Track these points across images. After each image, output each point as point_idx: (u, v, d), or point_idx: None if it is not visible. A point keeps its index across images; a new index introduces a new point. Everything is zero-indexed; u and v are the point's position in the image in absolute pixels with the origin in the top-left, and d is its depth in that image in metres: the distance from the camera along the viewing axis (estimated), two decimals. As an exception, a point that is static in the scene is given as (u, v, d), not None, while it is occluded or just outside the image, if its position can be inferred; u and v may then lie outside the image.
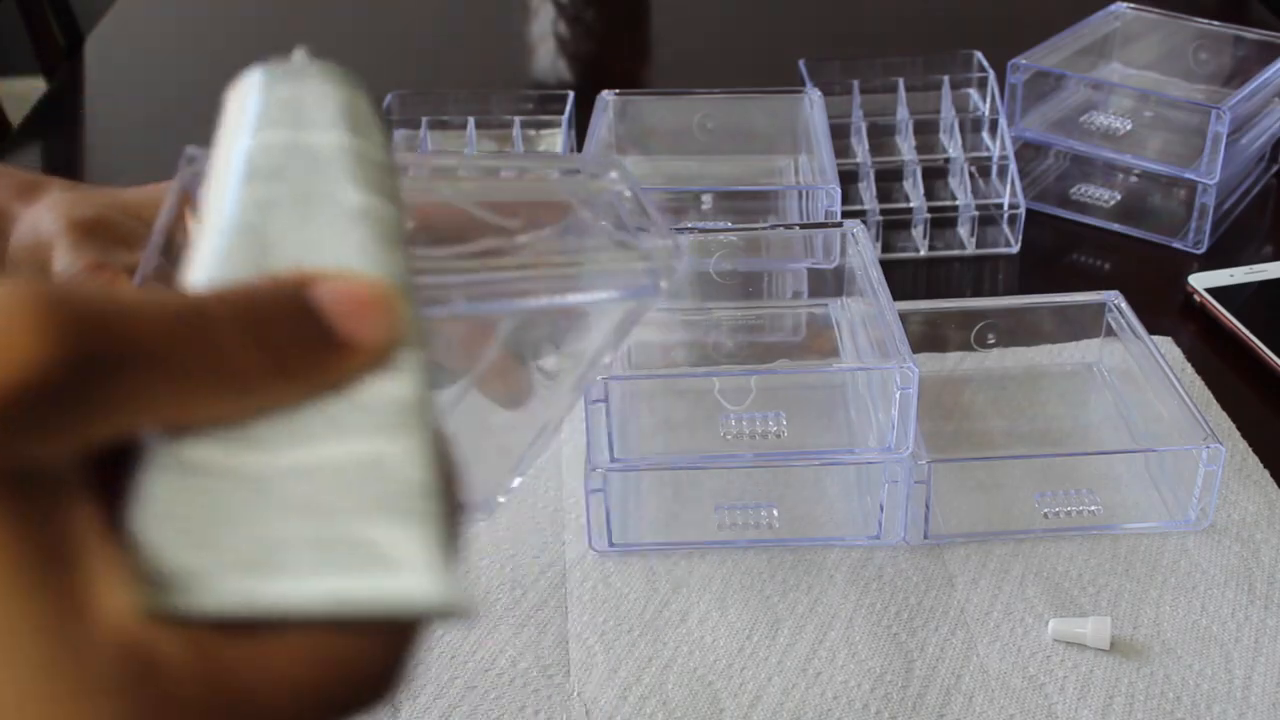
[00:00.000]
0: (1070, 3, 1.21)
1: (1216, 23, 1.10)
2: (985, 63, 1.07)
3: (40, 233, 0.60)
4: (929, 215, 0.99)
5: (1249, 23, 1.18)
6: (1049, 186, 1.06)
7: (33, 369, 0.24)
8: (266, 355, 0.27)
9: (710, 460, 0.72)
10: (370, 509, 0.28)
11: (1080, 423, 0.80)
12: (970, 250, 0.99)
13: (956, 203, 1.00)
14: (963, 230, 1.00)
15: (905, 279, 0.97)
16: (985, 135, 1.06)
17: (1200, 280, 0.92)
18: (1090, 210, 1.03)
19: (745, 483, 0.75)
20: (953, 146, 1.04)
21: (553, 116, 1.07)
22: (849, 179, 1.00)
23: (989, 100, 1.06)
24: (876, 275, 0.75)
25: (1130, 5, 1.13)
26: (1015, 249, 0.99)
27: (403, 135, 1.08)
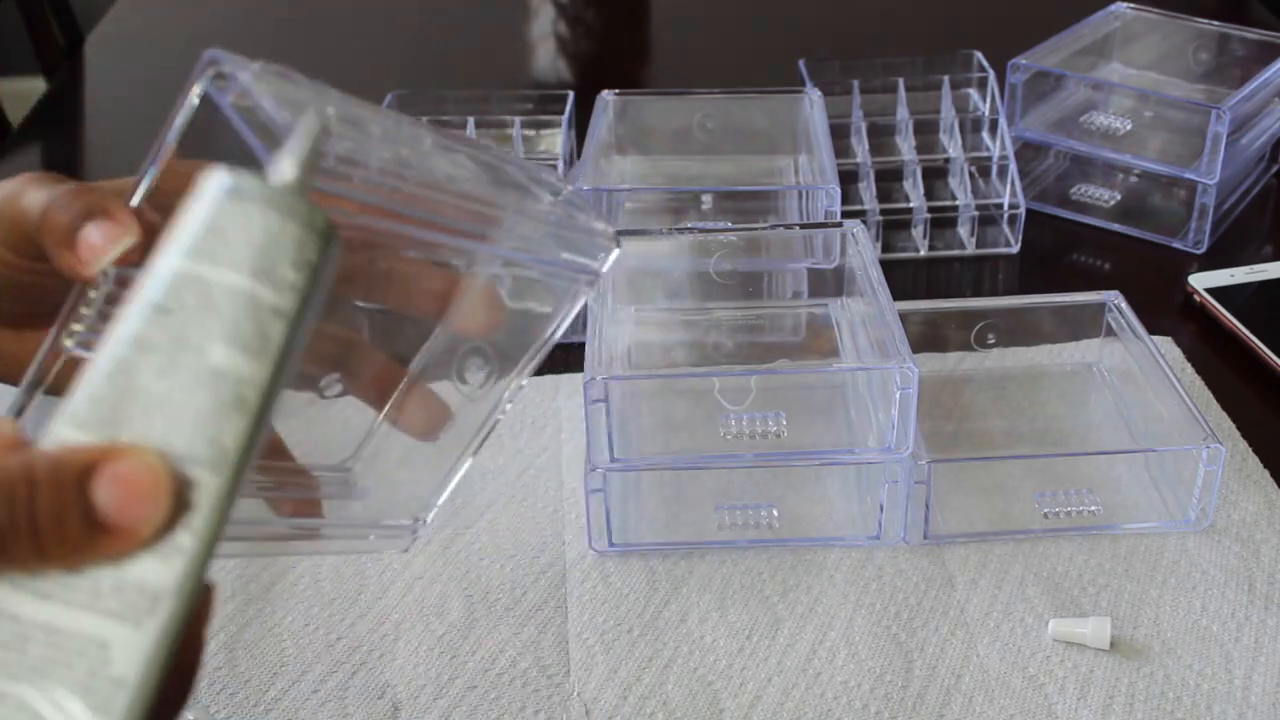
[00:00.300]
0: (1070, 3, 1.21)
1: (1216, 23, 1.10)
2: (985, 63, 1.07)
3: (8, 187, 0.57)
4: (929, 215, 0.99)
5: (1249, 23, 1.18)
6: (1049, 186, 1.06)
7: None
8: (21, 530, 0.32)
9: (710, 460, 0.72)
10: (71, 684, 0.32)
11: (1080, 423, 0.80)
12: (970, 250, 0.99)
13: (956, 203, 1.00)
14: (963, 230, 1.00)
15: (905, 279, 0.97)
16: (985, 135, 1.06)
17: (1200, 280, 0.92)
18: (1090, 210, 1.03)
19: (745, 483, 0.75)
20: (953, 146, 1.04)
21: (553, 116, 1.07)
22: (849, 179, 1.00)
23: (989, 100, 1.06)
24: (876, 275, 0.75)
25: (1130, 5, 1.13)
26: (1015, 249, 0.99)
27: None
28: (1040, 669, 0.64)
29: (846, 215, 0.85)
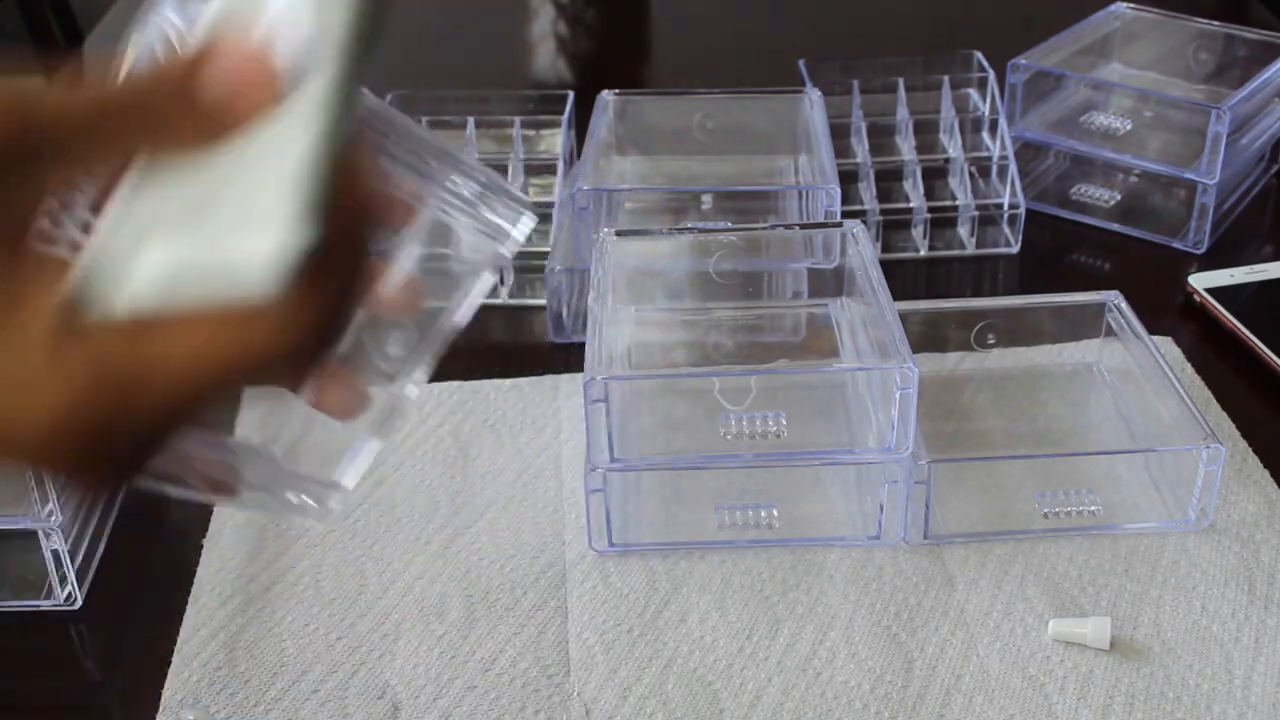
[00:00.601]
0: (1070, 3, 1.21)
1: (1216, 23, 1.10)
2: (985, 63, 1.07)
3: None
4: (929, 215, 0.99)
5: (1249, 23, 1.18)
6: (1049, 186, 1.06)
7: None
8: (149, 128, 0.37)
9: (710, 460, 0.72)
10: (247, 219, 0.36)
11: (1080, 423, 0.80)
12: (970, 250, 0.99)
13: (956, 203, 1.00)
14: (963, 230, 1.00)
15: (905, 279, 0.97)
16: (985, 135, 1.06)
17: (1200, 280, 0.92)
18: (1090, 210, 1.03)
19: (745, 483, 0.75)
20: (953, 146, 1.04)
21: (553, 116, 1.07)
22: (849, 179, 1.00)
23: (989, 100, 1.06)
24: (876, 275, 0.75)
25: (1130, 5, 1.13)
26: (1015, 249, 0.99)
27: (403, 135, 1.07)
28: (1040, 669, 0.64)
29: (846, 215, 0.85)
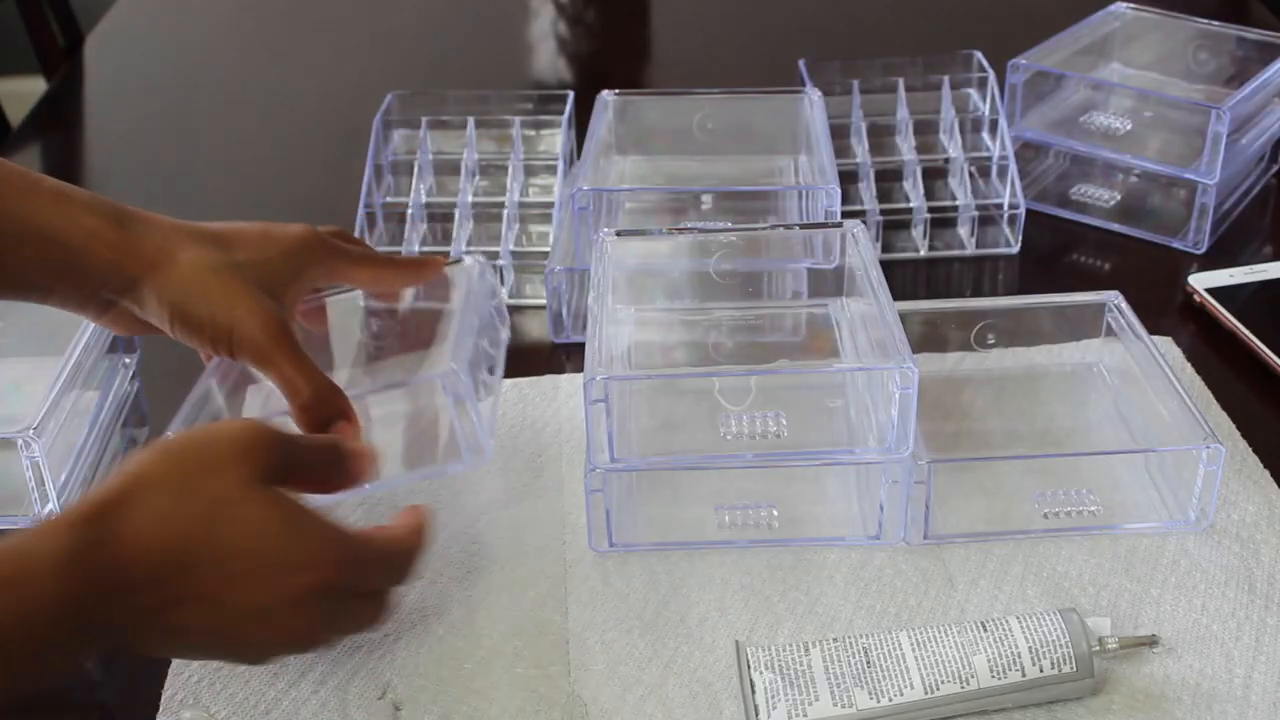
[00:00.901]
0: (1070, 3, 1.21)
1: (1216, 23, 1.10)
2: (985, 63, 1.07)
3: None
4: (929, 215, 0.99)
5: (1249, 23, 1.18)
6: (1049, 186, 1.06)
7: None
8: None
9: (710, 460, 0.72)
10: None
11: (1080, 423, 0.80)
12: (970, 250, 0.99)
13: (956, 203, 1.00)
14: (963, 230, 1.00)
15: (905, 279, 0.97)
16: (985, 135, 1.06)
17: (1200, 280, 0.92)
18: (1090, 210, 1.03)
19: (745, 483, 0.75)
20: (953, 146, 1.04)
21: (553, 116, 1.07)
22: (849, 179, 1.00)
23: (989, 100, 1.06)
24: (876, 275, 0.75)
25: (1130, 5, 1.13)
26: (1015, 249, 0.99)
27: (402, 135, 1.08)
28: (1040, 669, 0.64)
29: (846, 215, 0.85)
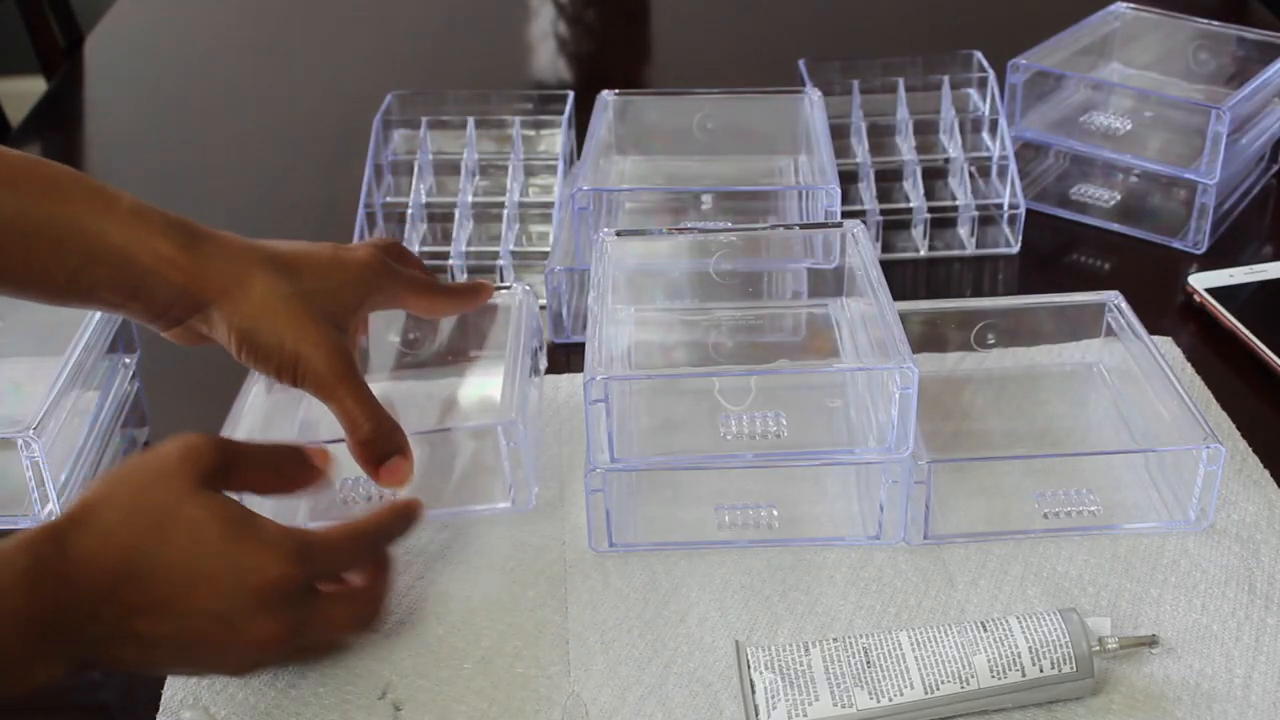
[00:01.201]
0: (1070, 3, 1.21)
1: (1216, 23, 1.10)
2: (985, 63, 1.07)
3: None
4: (929, 215, 0.99)
5: (1249, 23, 1.18)
6: (1049, 186, 1.06)
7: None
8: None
9: (710, 460, 0.72)
10: None
11: (1080, 423, 0.80)
12: (970, 250, 0.99)
13: (956, 203, 1.00)
14: (963, 230, 1.00)
15: (905, 279, 0.97)
16: (985, 135, 1.06)
17: (1200, 280, 0.92)
18: (1090, 210, 1.03)
19: (745, 483, 0.75)
20: (953, 146, 1.04)
21: (553, 116, 1.07)
22: (849, 179, 1.00)
23: (989, 100, 1.06)
24: (876, 275, 0.75)
25: (1130, 5, 1.13)
26: (1015, 249, 0.99)
27: (402, 135, 1.08)
28: (1040, 669, 0.64)
29: (846, 215, 0.85)
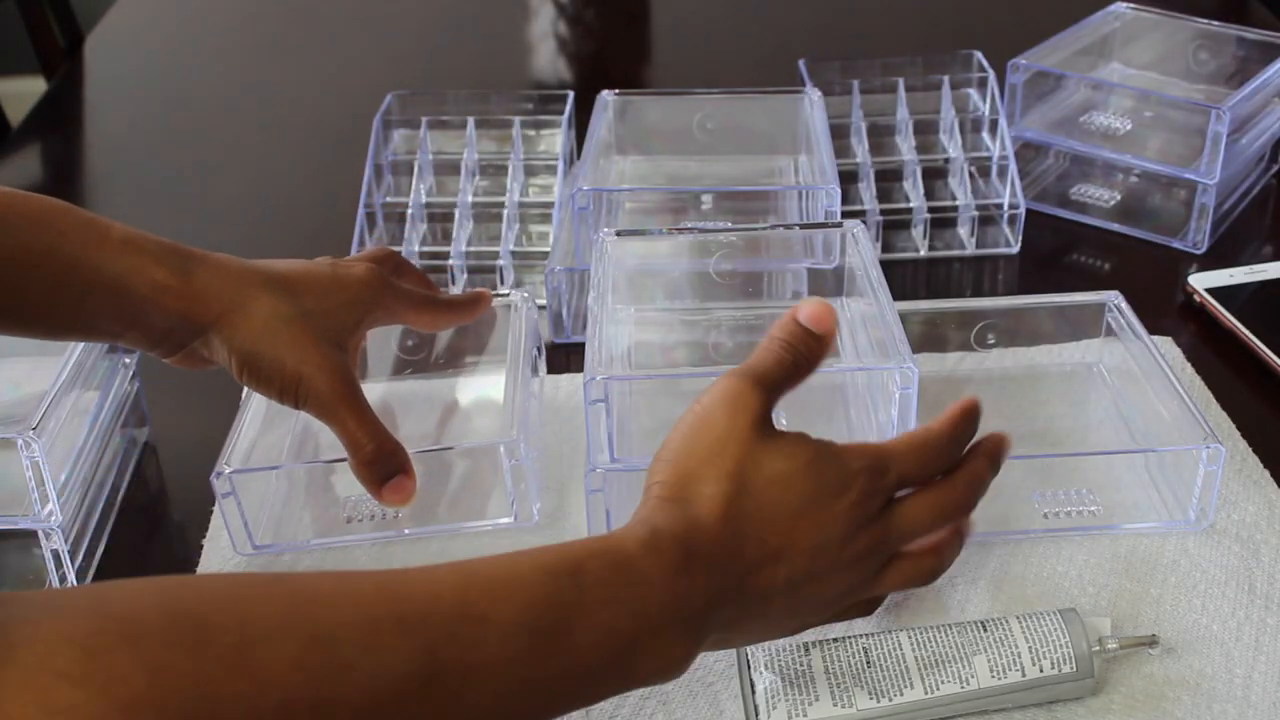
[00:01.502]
0: (1070, 3, 1.22)
1: (1216, 23, 1.10)
2: (985, 63, 1.07)
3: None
4: (929, 215, 0.99)
5: (1249, 23, 1.18)
6: (1049, 186, 1.06)
7: None
8: None
9: (710, 460, 0.72)
10: None
11: (1080, 423, 0.80)
12: (970, 250, 0.99)
13: (956, 203, 1.00)
14: (963, 230, 1.00)
15: (905, 279, 0.97)
16: (985, 135, 1.06)
17: (1200, 280, 0.92)
18: (1090, 210, 1.04)
19: (745, 483, 0.74)
20: (953, 146, 1.04)
21: (553, 116, 1.07)
22: (849, 179, 1.00)
23: (989, 100, 1.06)
24: (876, 275, 0.75)
25: (1130, 5, 1.13)
26: (1015, 249, 0.99)
27: (402, 135, 1.08)
28: (1040, 669, 0.64)
29: (846, 215, 0.85)
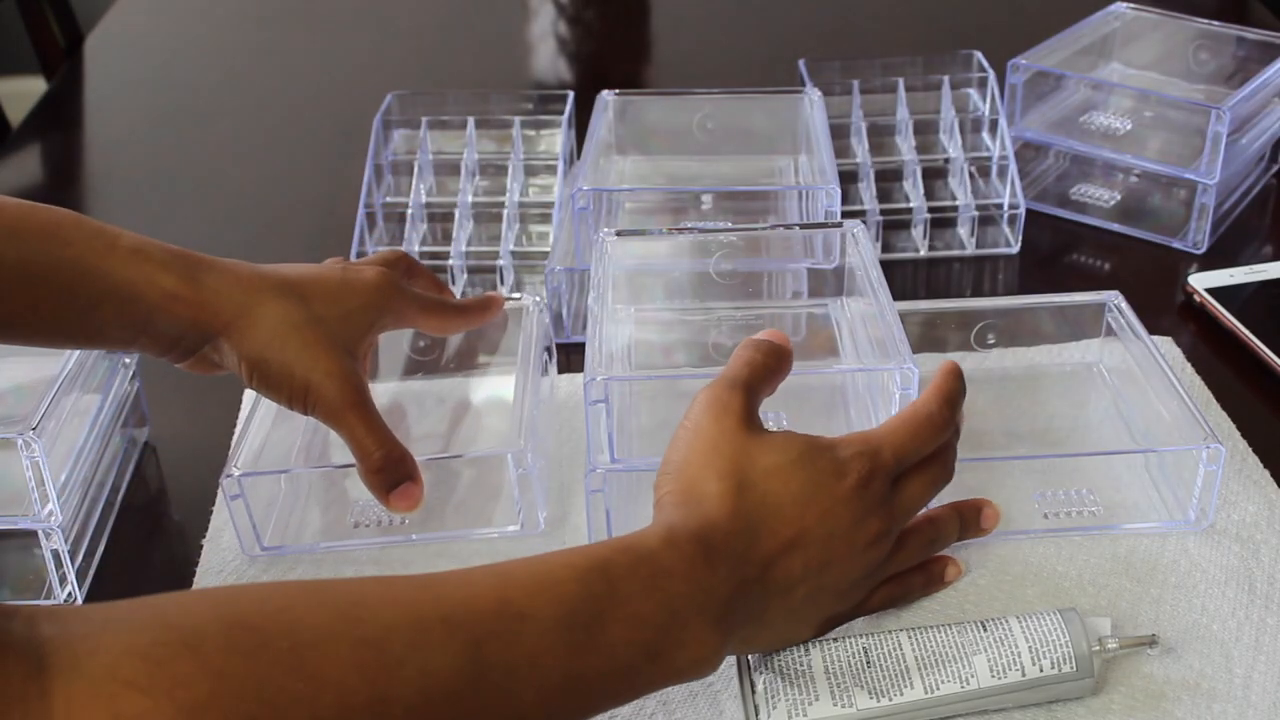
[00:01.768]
0: (1070, 3, 1.22)
1: (1216, 23, 1.10)
2: (985, 63, 1.08)
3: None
4: (929, 215, 0.99)
5: (1249, 23, 1.18)
6: (1049, 186, 1.06)
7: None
8: None
9: (710, 460, 0.72)
10: None
11: (1080, 423, 0.80)
12: (970, 250, 0.99)
13: (956, 203, 1.00)
14: (963, 230, 1.00)
15: (905, 279, 0.97)
16: (985, 135, 1.06)
17: (1200, 280, 0.92)
18: (1090, 210, 1.04)
19: (745, 483, 0.74)
20: (952, 146, 1.04)
21: (553, 116, 1.07)
22: (849, 179, 1.00)
23: (989, 100, 1.06)
24: (876, 275, 0.75)
25: (1130, 5, 1.13)
26: (1015, 249, 0.99)
27: (402, 135, 1.08)
28: (1040, 669, 0.64)
29: (846, 215, 0.85)
